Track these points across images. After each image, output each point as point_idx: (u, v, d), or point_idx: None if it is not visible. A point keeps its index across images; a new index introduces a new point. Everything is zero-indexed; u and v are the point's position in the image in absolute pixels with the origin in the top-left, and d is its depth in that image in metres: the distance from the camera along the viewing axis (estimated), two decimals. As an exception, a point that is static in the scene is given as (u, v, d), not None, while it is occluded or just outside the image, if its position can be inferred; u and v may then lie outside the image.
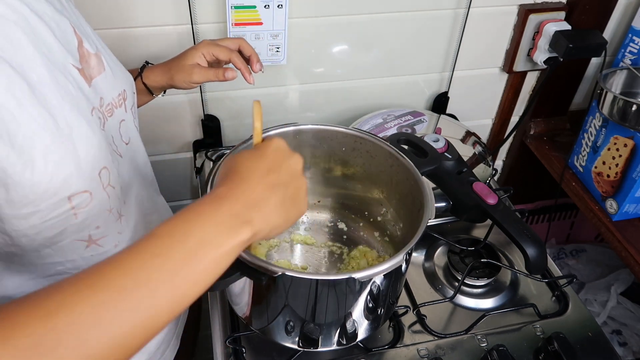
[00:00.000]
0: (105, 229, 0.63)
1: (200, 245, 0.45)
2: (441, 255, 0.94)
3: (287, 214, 0.52)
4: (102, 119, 0.63)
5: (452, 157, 0.89)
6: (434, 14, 1.08)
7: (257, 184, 0.50)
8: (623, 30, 1.20)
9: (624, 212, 1.04)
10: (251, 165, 0.51)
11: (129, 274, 0.42)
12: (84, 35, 0.63)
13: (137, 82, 0.83)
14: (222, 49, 0.80)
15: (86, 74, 0.61)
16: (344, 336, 0.72)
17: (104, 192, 0.61)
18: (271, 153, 0.53)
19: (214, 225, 0.46)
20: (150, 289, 0.42)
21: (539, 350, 0.80)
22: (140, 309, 0.41)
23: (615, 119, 1.00)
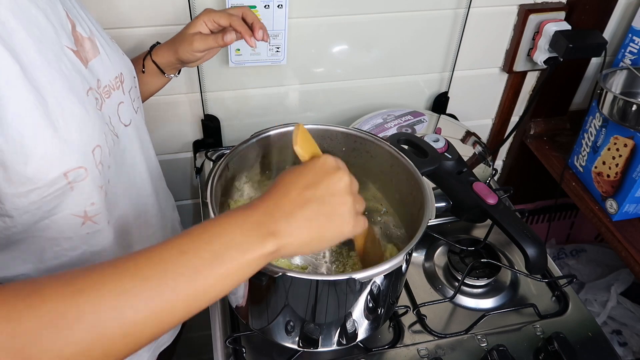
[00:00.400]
0: (99, 206, 0.64)
1: (226, 249, 0.47)
2: (441, 255, 0.94)
3: (320, 230, 0.51)
4: (99, 100, 0.64)
5: (452, 157, 0.89)
6: (434, 14, 1.08)
7: (291, 199, 0.51)
8: (623, 30, 1.20)
9: (624, 212, 1.04)
10: (290, 181, 0.52)
11: (155, 266, 0.45)
12: (77, 19, 0.64)
13: (147, 62, 0.84)
14: (223, 15, 0.80)
15: (82, 56, 0.62)
16: (344, 336, 0.72)
17: (96, 169, 0.62)
18: (313, 169, 0.53)
19: (241, 232, 0.48)
20: (172, 282, 0.44)
21: (539, 350, 0.80)
22: (159, 300, 0.44)
23: (615, 119, 1.00)
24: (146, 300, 0.43)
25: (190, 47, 0.79)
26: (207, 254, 0.46)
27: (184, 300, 0.45)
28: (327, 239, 0.53)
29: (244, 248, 0.47)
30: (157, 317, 0.44)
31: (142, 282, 0.43)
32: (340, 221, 0.53)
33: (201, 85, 1.05)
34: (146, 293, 0.43)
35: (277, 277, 0.60)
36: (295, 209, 0.50)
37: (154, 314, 0.44)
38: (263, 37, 0.81)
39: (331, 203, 0.52)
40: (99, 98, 0.64)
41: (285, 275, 0.59)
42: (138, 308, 0.43)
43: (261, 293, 0.68)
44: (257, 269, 0.49)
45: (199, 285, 0.46)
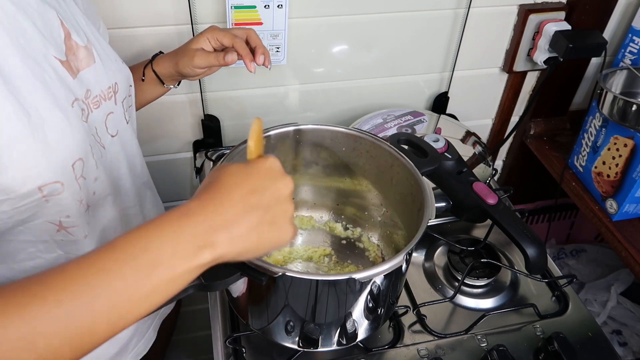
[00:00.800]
0: (76, 219, 0.63)
1: (152, 265, 0.43)
2: (441, 255, 0.94)
3: (260, 239, 0.48)
4: (85, 111, 0.63)
5: (452, 157, 0.89)
6: (434, 14, 1.08)
7: (234, 204, 0.46)
8: (623, 30, 1.20)
9: (624, 212, 1.04)
10: (235, 181, 0.48)
11: (70, 286, 0.41)
12: (73, 28, 0.63)
13: (148, 70, 0.84)
14: (227, 34, 0.79)
15: (72, 66, 0.62)
16: (344, 336, 0.72)
17: (76, 183, 0.61)
18: (260, 172, 0.49)
19: (173, 245, 0.44)
20: (90, 304, 0.41)
21: (539, 350, 0.80)
22: (74, 325, 0.40)
23: (615, 119, 1.00)
24: (59, 325, 0.40)
25: (191, 62, 0.79)
26: (130, 272, 0.42)
27: (105, 323, 0.42)
28: (266, 248, 0.49)
29: (173, 263, 0.43)
30: (75, 341, 0.41)
31: (54, 307, 0.40)
32: (281, 230, 0.50)
33: (201, 85, 1.05)
34: (60, 317, 0.40)
35: (277, 277, 0.60)
36: (237, 217, 0.46)
37: (70, 338, 0.40)
38: (264, 62, 0.80)
39: (275, 211, 0.48)
40: (85, 109, 0.63)
41: (285, 275, 0.59)
42: (50, 334, 0.39)
43: (261, 293, 0.68)
44: (190, 280, 0.45)
45: (122, 305, 0.42)
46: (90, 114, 0.64)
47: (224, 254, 0.46)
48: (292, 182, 0.51)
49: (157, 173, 1.17)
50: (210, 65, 0.80)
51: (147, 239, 0.44)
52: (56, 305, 0.40)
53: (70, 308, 0.40)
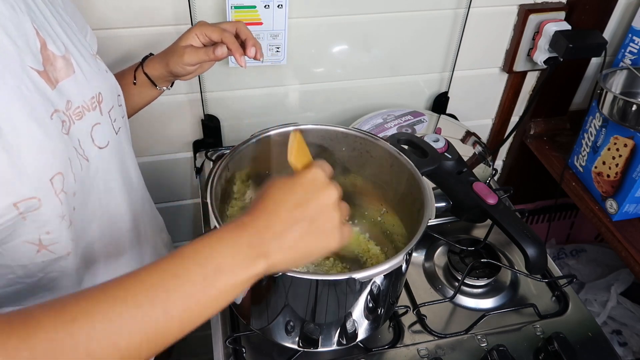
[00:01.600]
0: (57, 235, 0.61)
1: (217, 272, 0.47)
2: (441, 255, 0.94)
3: (308, 248, 0.52)
4: (67, 123, 0.61)
5: (452, 157, 0.89)
6: (434, 14, 1.08)
7: (281, 218, 0.50)
8: (623, 30, 1.20)
9: (624, 212, 1.04)
10: (281, 197, 0.52)
11: (148, 291, 0.44)
12: (49, 37, 0.61)
13: (139, 73, 0.82)
14: (215, 29, 0.77)
15: (50, 77, 0.59)
16: (344, 336, 0.72)
17: (57, 198, 0.59)
18: (303, 186, 0.52)
19: (232, 254, 0.48)
20: (165, 307, 0.44)
21: (539, 350, 0.80)
22: (152, 325, 0.44)
23: (615, 119, 1.00)
24: (139, 325, 0.43)
25: (181, 60, 0.77)
26: (199, 277, 0.46)
27: (178, 323, 0.45)
28: (315, 255, 0.53)
29: (235, 270, 0.48)
30: (152, 340, 0.44)
31: (134, 308, 0.43)
32: (328, 238, 0.53)
33: (201, 85, 1.05)
34: (138, 318, 0.43)
35: (277, 277, 0.60)
36: (285, 229, 0.50)
37: (147, 337, 0.44)
38: (256, 55, 0.78)
39: (320, 221, 0.52)
40: (66, 121, 0.61)
41: (285, 275, 0.59)
42: (132, 333, 0.43)
43: (261, 293, 0.68)
44: (247, 287, 0.49)
45: (192, 307, 0.46)
46: (72, 125, 0.62)
47: (276, 264, 0.50)
48: (336, 190, 0.53)
49: (157, 173, 1.18)
50: (200, 61, 0.78)
51: (210, 248, 0.48)
52: (135, 306, 0.43)
53: (148, 310, 0.44)
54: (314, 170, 0.54)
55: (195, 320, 0.47)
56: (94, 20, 0.92)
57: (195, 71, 0.81)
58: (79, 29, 0.74)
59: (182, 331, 0.46)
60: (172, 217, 1.26)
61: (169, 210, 1.24)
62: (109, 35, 0.95)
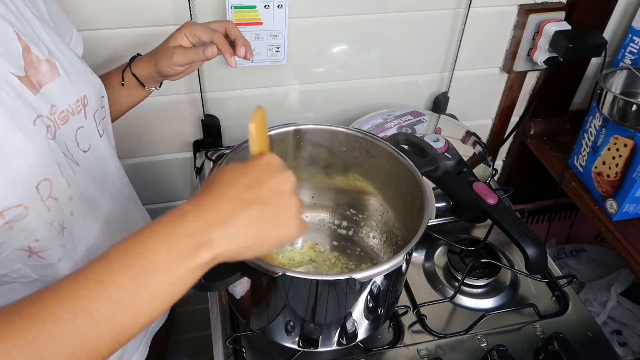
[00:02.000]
0: (46, 243, 0.60)
1: (149, 270, 0.42)
2: (441, 255, 0.94)
3: (262, 234, 0.47)
4: (52, 127, 0.60)
5: (452, 157, 0.89)
6: (434, 14, 1.08)
7: (229, 200, 0.46)
8: (623, 30, 1.20)
9: (624, 212, 1.04)
10: (231, 179, 0.47)
11: (68, 303, 0.40)
12: (32, 41, 0.60)
13: (127, 74, 0.80)
14: (204, 29, 0.75)
15: (33, 81, 0.59)
16: (344, 336, 0.72)
17: (43, 204, 0.58)
18: (257, 168, 0.49)
19: (167, 247, 0.43)
20: (89, 318, 0.40)
21: (539, 350, 0.80)
22: (78, 340, 0.40)
23: (615, 119, 1.00)
24: (60, 343, 0.39)
25: (170, 61, 0.75)
26: (126, 280, 0.41)
27: (108, 334, 0.41)
28: (270, 243, 0.48)
29: (169, 267, 0.43)
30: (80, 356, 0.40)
31: (54, 324, 0.39)
32: (285, 224, 0.48)
33: (201, 85, 1.05)
34: (58, 335, 0.39)
35: (277, 277, 0.60)
36: (234, 212, 0.45)
37: (74, 354, 0.40)
38: (246, 54, 0.75)
39: (275, 205, 0.47)
40: (52, 125, 0.60)
41: (285, 275, 0.59)
42: (53, 353, 0.39)
43: (261, 293, 0.68)
44: (194, 280, 0.44)
45: (123, 314, 0.41)
46: (57, 130, 0.61)
47: (224, 252, 0.45)
48: (294, 176, 0.49)
49: (157, 173, 1.18)
50: (190, 61, 0.75)
51: (141, 245, 0.43)
52: (55, 323, 0.39)
53: (70, 324, 0.39)
54: (270, 155, 0.50)
55: (130, 328, 0.42)
56: (94, 20, 0.92)
57: (185, 71, 0.79)
58: (63, 31, 0.74)
59: (117, 342, 0.42)
60: (172, 217, 1.26)
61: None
62: (108, 35, 0.95)
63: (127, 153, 1.12)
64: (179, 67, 0.76)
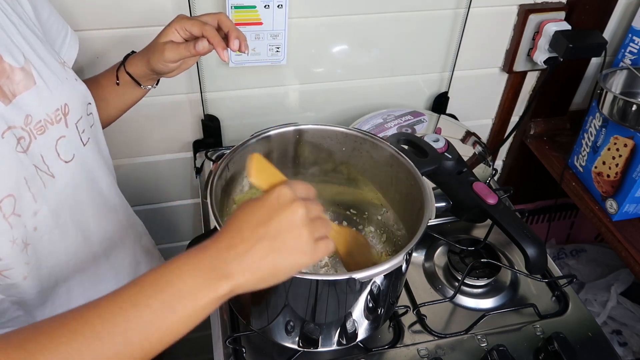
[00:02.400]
0: (10, 261, 0.59)
1: (177, 297, 0.47)
2: (441, 255, 0.94)
3: (275, 266, 0.50)
4: (26, 139, 0.59)
5: (452, 157, 0.89)
6: (434, 14, 1.08)
7: (243, 238, 0.49)
8: (623, 30, 1.20)
9: (624, 212, 1.04)
10: (244, 217, 0.51)
11: (107, 321, 0.44)
12: (6, 49, 0.58)
13: (121, 73, 0.77)
14: (195, 22, 0.71)
15: (6, 91, 0.57)
16: (344, 336, 0.72)
17: (6, 222, 0.57)
18: (266, 204, 0.51)
19: (192, 278, 0.47)
20: (125, 336, 0.45)
21: (539, 350, 0.80)
22: (112, 356, 0.44)
23: (615, 119, 1.00)
24: (100, 357, 0.43)
25: (162, 57, 0.71)
26: (158, 304, 0.46)
27: (139, 351, 0.45)
28: (283, 273, 0.52)
29: (196, 295, 0.47)
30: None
31: (93, 341, 0.43)
32: (295, 255, 0.51)
33: (201, 85, 1.05)
34: (98, 351, 0.43)
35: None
36: (248, 248, 0.49)
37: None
38: (240, 47, 0.71)
39: (284, 238, 0.50)
40: (25, 137, 0.58)
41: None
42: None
43: (261, 293, 0.68)
44: (213, 310, 0.49)
45: (153, 334, 0.46)
46: (33, 141, 0.59)
47: (241, 284, 0.49)
48: (303, 207, 0.51)
49: (157, 173, 1.18)
50: (181, 57, 0.72)
51: (171, 274, 0.48)
52: (95, 339, 0.43)
53: (108, 341, 0.44)
54: (279, 188, 0.52)
55: (157, 346, 0.46)
56: (91, 21, 0.92)
57: (179, 68, 0.76)
58: (54, 34, 0.72)
59: (146, 357, 0.46)
60: (172, 217, 1.26)
61: (169, 210, 1.25)
62: (107, 35, 0.95)
63: (127, 153, 1.12)
64: (171, 63, 0.73)
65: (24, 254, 0.61)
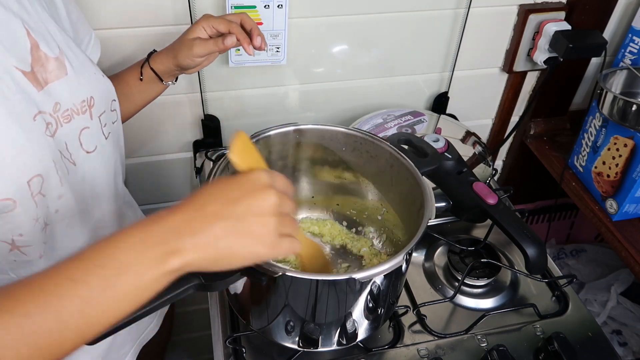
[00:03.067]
0: (30, 238, 0.60)
1: (119, 272, 0.43)
2: (441, 255, 0.94)
3: (231, 249, 0.48)
4: (53, 125, 0.61)
5: (452, 157, 0.89)
6: (434, 14, 1.08)
7: (205, 214, 0.47)
8: (623, 30, 1.20)
9: (624, 212, 1.04)
10: (212, 195, 0.49)
11: (38, 298, 0.41)
12: (43, 38, 0.61)
13: (145, 69, 0.83)
14: (222, 20, 0.78)
15: (39, 78, 0.59)
16: (344, 336, 0.72)
17: (32, 200, 0.58)
18: (239, 186, 0.49)
19: (138, 252, 0.44)
20: (58, 314, 0.41)
21: (539, 350, 0.80)
22: (44, 335, 0.41)
23: (615, 119, 1.00)
24: (28, 336, 0.40)
25: (190, 52, 0.78)
26: (96, 280, 0.43)
27: (75, 331, 0.42)
28: (238, 259, 0.49)
29: (140, 271, 0.44)
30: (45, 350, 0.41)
31: (22, 318, 0.40)
32: (255, 243, 0.48)
33: (201, 85, 1.05)
34: (26, 329, 0.40)
35: (277, 277, 0.60)
36: (206, 225, 0.46)
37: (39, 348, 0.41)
38: (261, 44, 0.79)
39: (250, 222, 0.48)
40: (53, 123, 0.61)
41: (285, 275, 0.59)
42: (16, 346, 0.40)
43: (261, 293, 0.68)
44: (162, 286, 0.46)
45: (90, 313, 0.43)
46: (59, 128, 0.62)
47: (192, 261, 0.46)
48: (276, 196, 0.49)
49: (157, 173, 1.18)
50: (209, 52, 0.78)
51: (114, 247, 0.44)
52: (24, 317, 0.40)
53: (38, 319, 0.41)
54: (258, 172, 0.50)
55: (95, 326, 0.44)
56: (92, 20, 0.92)
57: (203, 63, 0.81)
58: (82, 35, 0.75)
59: (82, 338, 0.43)
60: (172, 217, 1.26)
61: (169, 210, 1.24)
62: (107, 36, 0.95)
63: (127, 153, 1.11)
64: (198, 58, 0.78)
65: (43, 233, 0.62)
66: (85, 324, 0.43)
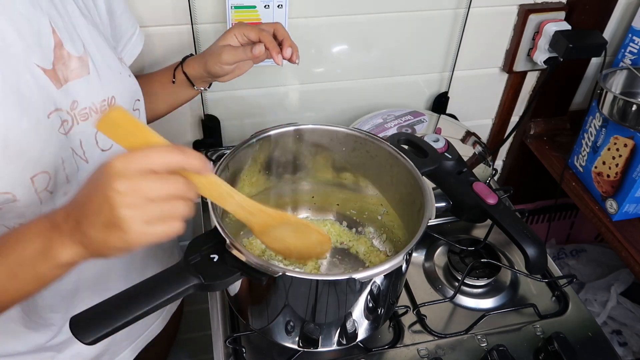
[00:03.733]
0: None
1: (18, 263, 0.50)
2: (441, 255, 0.94)
3: (107, 240, 0.46)
4: (70, 122, 0.61)
5: (452, 157, 0.89)
6: (434, 14, 1.08)
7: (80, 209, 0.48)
8: (623, 30, 1.20)
9: (624, 212, 1.04)
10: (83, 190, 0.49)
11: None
12: (69, 37, 0.62)
13: (178, 72, 0.84)
14: (254, 29, 0.77)
15: (59, 76, 0.60)
16: (344, 336, 0.72)
17: (36, 196, 0.59)
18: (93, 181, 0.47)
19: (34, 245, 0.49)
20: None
21: (539, 350, 0.80)
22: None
23: (615, 119, 1.00)
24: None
25: (219, 59, 0.77)
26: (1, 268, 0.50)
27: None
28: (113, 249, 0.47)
29: (35, 263, 0.49)
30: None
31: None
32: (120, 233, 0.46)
33: (201, 85, 1.05)
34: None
35: (277, 277, 0.60)
36: (80, 219, 0.47)
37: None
38: (292, 57, 0.78)
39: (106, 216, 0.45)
40: (69, 120, 0.61)
41: (285, 275, 0.59)
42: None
43: (261, 293, 0.68)
44: (58, 276, 0.50)
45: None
46: (75, 125, 0.62)
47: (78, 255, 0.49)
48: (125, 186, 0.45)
49: (157, 173, 1.18)
50: (238, 59, 0.77)
51: (16, 240, 0.50)
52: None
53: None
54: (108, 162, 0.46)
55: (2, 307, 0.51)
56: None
57: (233, 72, 0.81)
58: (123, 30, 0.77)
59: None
60: (172, 217, 1.26)
61: (169, 210, 1.24)
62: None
63: (127, 153, 1.12)
64: (226, 65, 0.78)
65: None
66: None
